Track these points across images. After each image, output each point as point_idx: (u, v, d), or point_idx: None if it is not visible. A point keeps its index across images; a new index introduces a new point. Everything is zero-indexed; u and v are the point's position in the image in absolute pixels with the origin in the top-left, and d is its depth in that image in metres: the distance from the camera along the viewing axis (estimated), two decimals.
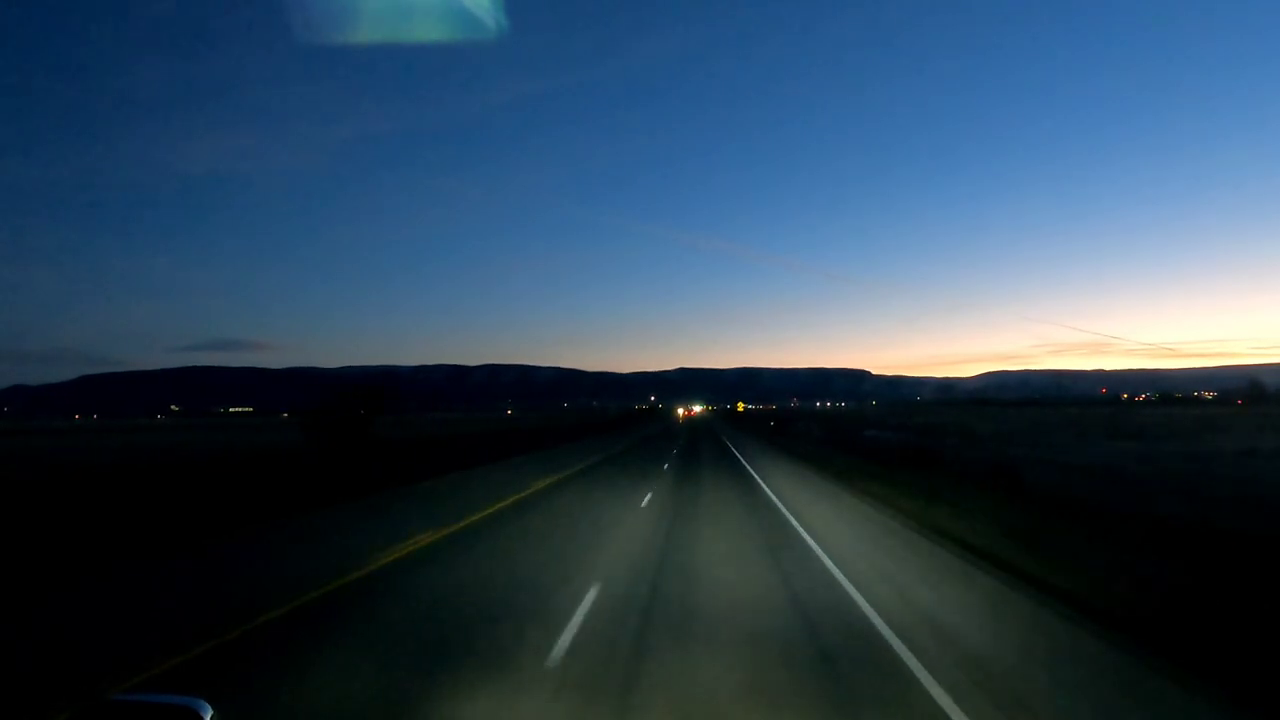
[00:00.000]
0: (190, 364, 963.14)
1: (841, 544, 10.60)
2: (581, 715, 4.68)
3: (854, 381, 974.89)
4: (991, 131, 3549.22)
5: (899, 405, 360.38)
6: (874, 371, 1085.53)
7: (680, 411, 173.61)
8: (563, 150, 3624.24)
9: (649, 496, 16.64)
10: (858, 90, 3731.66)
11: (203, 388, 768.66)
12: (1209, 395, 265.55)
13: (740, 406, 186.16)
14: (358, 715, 4.81)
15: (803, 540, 10.96)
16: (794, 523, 12.80)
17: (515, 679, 5.29)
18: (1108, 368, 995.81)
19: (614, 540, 11.25)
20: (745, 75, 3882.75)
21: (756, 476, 21.16)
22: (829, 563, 9.22)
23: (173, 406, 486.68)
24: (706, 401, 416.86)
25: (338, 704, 4.97)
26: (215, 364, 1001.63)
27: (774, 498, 16.42)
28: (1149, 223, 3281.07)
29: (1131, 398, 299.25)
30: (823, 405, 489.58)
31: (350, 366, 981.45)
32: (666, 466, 25.91)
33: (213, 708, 2.02)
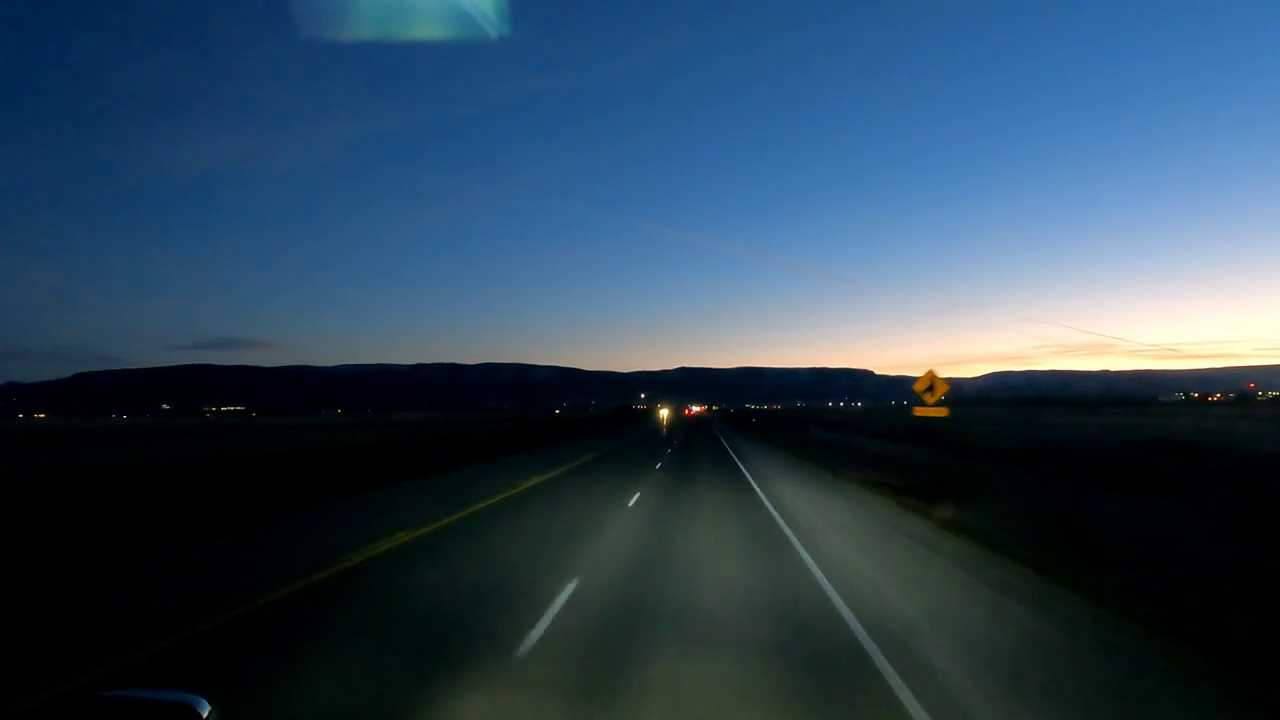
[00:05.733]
0: (187, 362, 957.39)
1: None
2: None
3: (856, 381, 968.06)
4: (994, 132, 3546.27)
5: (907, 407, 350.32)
6: (876, 371, 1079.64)
7: (664, 413, 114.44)
8: (563, 149, 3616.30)
9: None
10: (859, 90, 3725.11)
11: (199, 386, 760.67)
12: (1275, 395, 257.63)
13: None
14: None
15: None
16: None
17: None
18: (1112, 369, 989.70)
19: None
20: (746, 75, 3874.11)
21: None
22: None
23: (164, 406, 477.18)
24: (706, 401, 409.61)
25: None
26: (212, 362, 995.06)
27: None
28: (1151, 224, 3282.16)
29: (1203, 398, 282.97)
30: (835, 404, 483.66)
31: (347, 365, 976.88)
32: None
33: (210, 704, 1.95)
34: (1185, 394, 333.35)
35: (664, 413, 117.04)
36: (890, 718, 4.54)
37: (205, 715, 1.91)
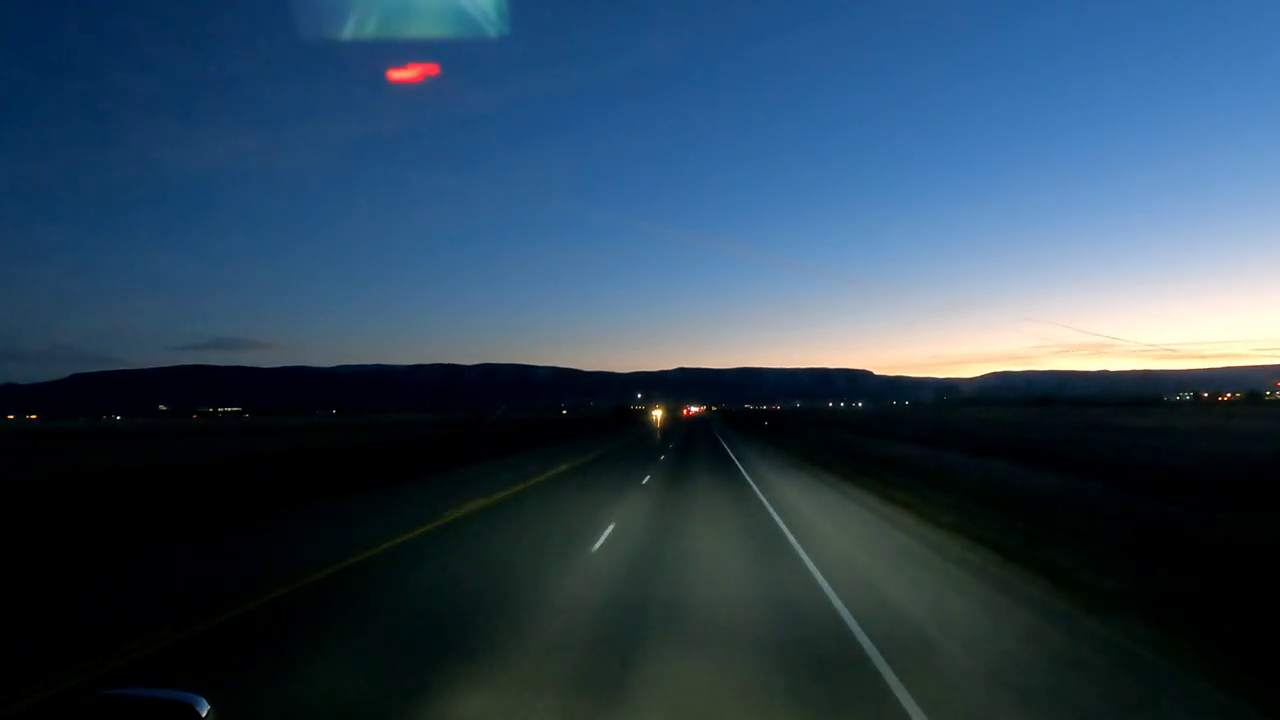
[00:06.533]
0: (186, 363, 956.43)
1: None
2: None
3: (856, 382, 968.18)
4: (993, 131, 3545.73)
5: (935, 407, 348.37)
6: (876, 372, 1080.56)
7: (657, 414, 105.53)
8: (562, 149, 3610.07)
9: None
10: (858, 90, 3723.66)
11: (197, 387, 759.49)
12: None
13: None
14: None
15: None
16: None
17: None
18: (1111, 369, 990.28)
19: None
20: (745, 75, 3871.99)
21: None
22: None
23: (161, 406, 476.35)
24: (706, 401, 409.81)
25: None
26: (210, 363, 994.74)
27: None
28: (1150, 224, 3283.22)
29: (1213, 398, 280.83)
30: (835, 405, 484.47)
31: (345, 365, 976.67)
32: None
33: (210, 704, 1.94)
34: (1195, 394, 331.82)
35: (656, 414, 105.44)
36: None
37: (205, 714, 1.91)
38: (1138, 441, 37.26)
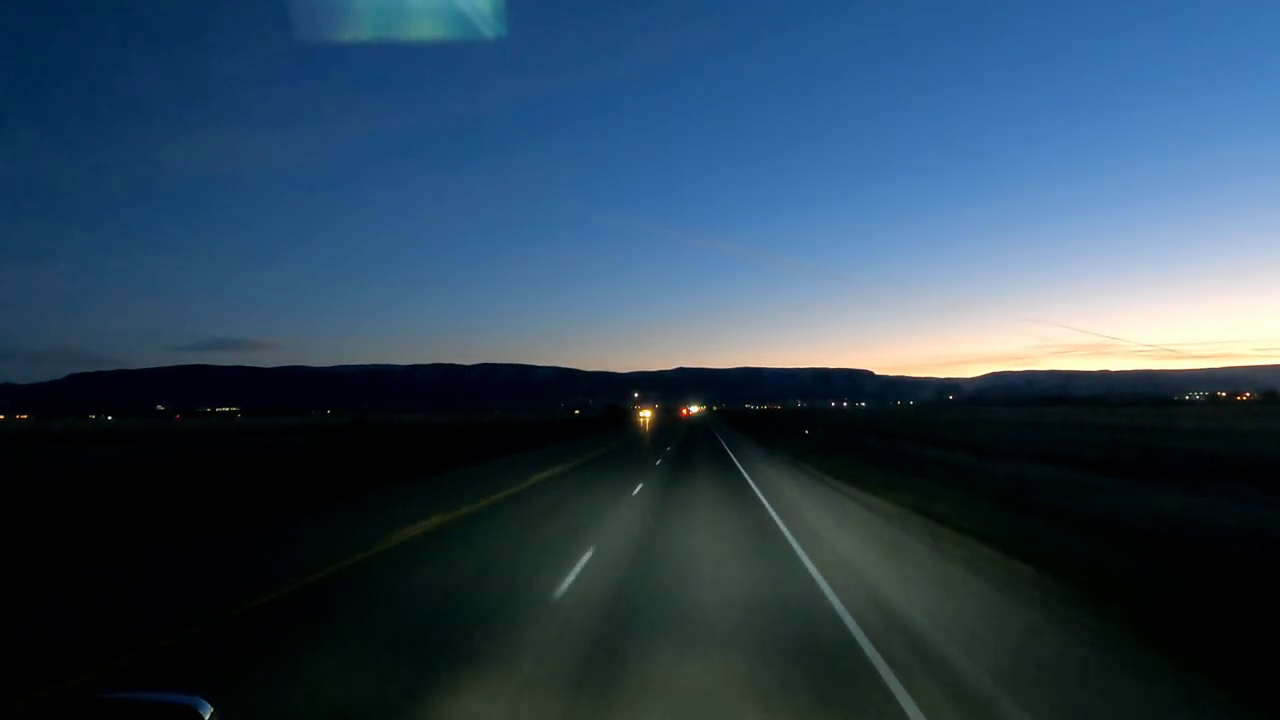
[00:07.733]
0: (184, 363, 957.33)
1: None
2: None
3: (856, 382, 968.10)
4: (993, 131, 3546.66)
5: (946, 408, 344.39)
6: (876, 372, 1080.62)
7: (646, 415, 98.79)
8: (562, 149, 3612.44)
9: None
10: (858, 90, 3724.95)
11: (195, 387, 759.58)
12: None
13: None
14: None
15: None
16: None
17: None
18: (1111, 369, 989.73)
19: None
20: (745, 75, 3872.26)
21: None
22: None
23: (159, 406, 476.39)
24: (706, 401, 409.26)
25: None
26: (209, 363, 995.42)
27: None
28: (1150, 224, 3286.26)
29: (1233, 397, 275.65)
30: (837, 405, 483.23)
31: (344, 365, 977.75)
32: None
33: (213, 706, 1.90)
34: (1210, 394, 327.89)
35: (645, 414, 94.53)
36: None
37: (207, 717, 1.88)
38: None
